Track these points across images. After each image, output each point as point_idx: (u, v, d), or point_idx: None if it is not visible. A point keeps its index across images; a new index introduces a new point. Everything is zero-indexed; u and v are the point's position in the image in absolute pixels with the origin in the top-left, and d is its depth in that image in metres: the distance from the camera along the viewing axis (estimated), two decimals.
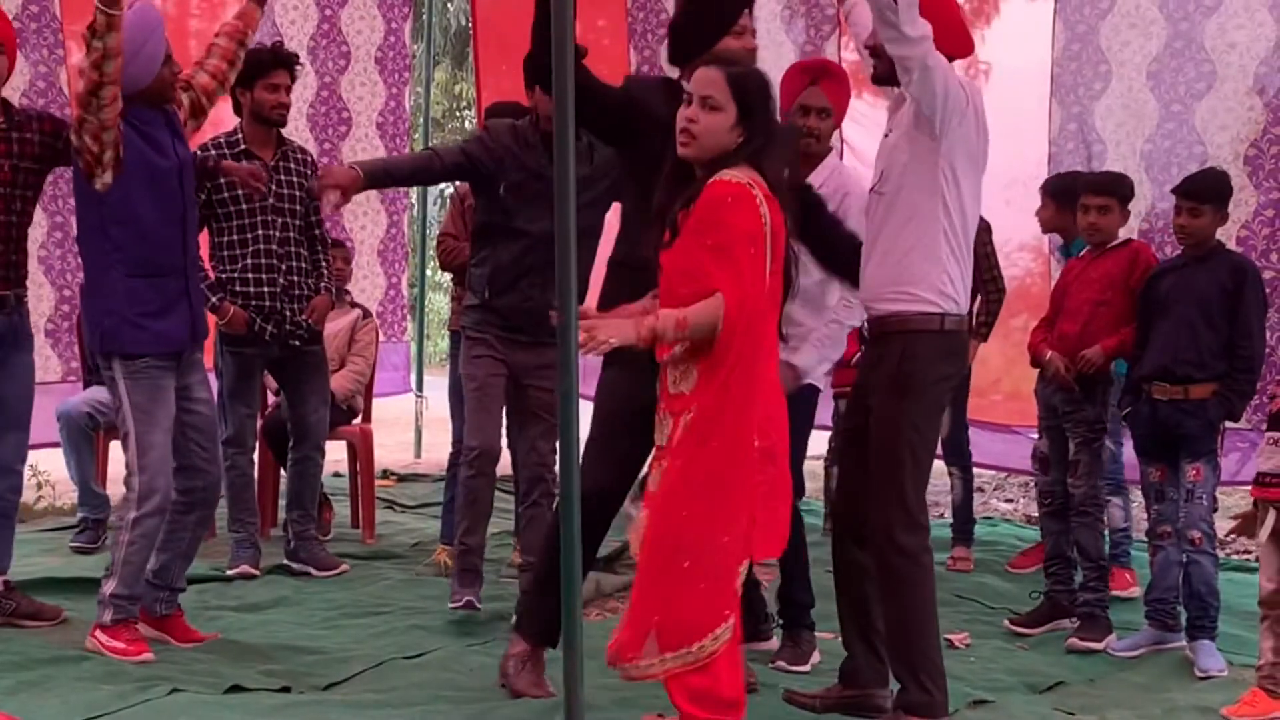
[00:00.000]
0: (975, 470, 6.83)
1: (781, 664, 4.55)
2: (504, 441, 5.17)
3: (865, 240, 3.98)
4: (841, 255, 4.16)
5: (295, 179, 5.69)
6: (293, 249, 5.67)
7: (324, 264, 5.90)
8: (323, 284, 5.85)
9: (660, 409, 3.61)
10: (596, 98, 3.93)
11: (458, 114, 22.16)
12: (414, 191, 9.63)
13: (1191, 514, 4.75)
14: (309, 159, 5.91)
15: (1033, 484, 8.24)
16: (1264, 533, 4.30)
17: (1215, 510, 4.89)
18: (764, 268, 3.47)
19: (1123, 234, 5.22)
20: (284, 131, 5.81)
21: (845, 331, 4.69)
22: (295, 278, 5.67)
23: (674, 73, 4.13)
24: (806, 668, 4.53)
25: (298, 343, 5.71)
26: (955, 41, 3.88)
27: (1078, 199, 5.25)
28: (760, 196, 3.46)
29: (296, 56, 5.83)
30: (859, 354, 5.42)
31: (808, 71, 4.84)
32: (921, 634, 3.78)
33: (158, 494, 4.43)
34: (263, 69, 5.47)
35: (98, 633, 4.48)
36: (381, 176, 4.99)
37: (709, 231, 3.43)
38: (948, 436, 6.42)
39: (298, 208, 5.70)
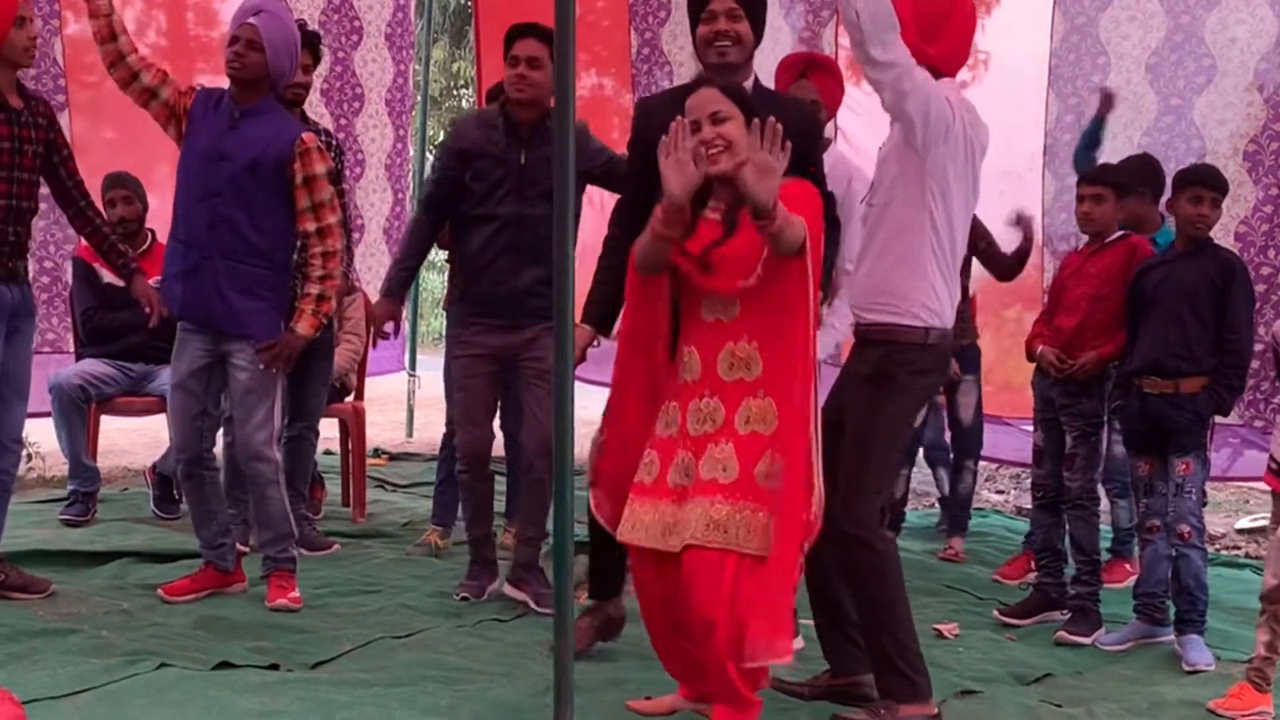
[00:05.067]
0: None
1: None
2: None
3: (859, 248, 4.01)
4: None
5: None
6: None
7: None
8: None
9: (699, 397, 3.61)
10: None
11: (455, 92, 22.10)
12: (412, 170, 9.60)
13: (1180, 508, 4.76)
14: (334, 142, 5.86)
15: (1024, 475, 8.31)
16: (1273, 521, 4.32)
17: (1205, 505, 4.90)
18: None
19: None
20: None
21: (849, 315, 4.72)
22: None
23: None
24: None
25: None
26: (951, 59, 3.88)
27: (1153, 181, 5.25)
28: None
29: (318, 35, 5.77)
30: None
31: (795, 65, 4.87)
32: (891, 621, 3.77)
33: None
34: None
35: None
36: (406, 281, 5.24)
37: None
38: (968, 427, 6.42)
39: None
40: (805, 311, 3.49)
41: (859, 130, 7.61)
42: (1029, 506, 5.69)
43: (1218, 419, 5.04)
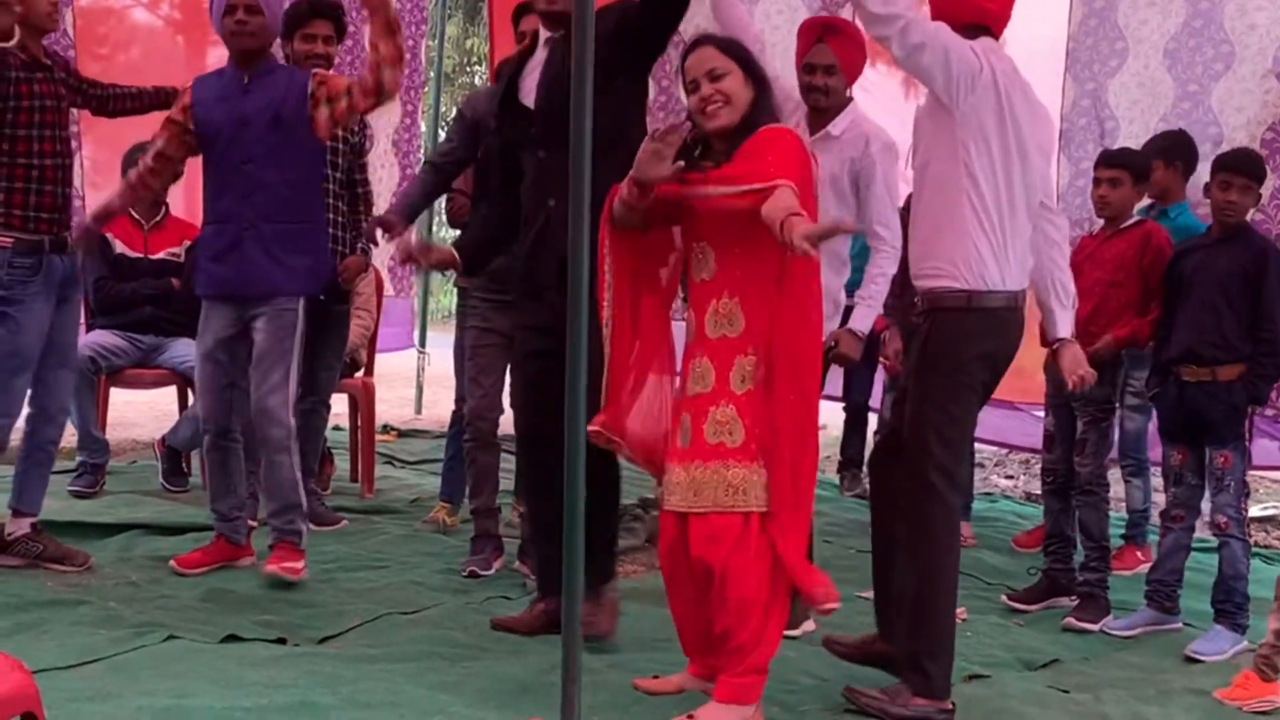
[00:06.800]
0: (976, 446, 6.81)
1: None
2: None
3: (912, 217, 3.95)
4: None
5: (340, 132, 5.49)
6: (331, 201, 5.52)
7: (363, 222, 5.78)
8: (359, 244, 5.77)
9: (695, 358, 3.57)
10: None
11: (468, 69, 22.04)
12: (423, 146, 9.58)
13: (1219, 501, 4.71)
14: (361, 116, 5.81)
15: (1034, 461, 8.29)
16: None
17: (1248, 496, 4.84)
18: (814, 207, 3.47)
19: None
20: None
21: (888, 279, 4.71)
22: (331, 230, 5.54)
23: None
24: (797, 632, 4.47)
25: (323, 296, 5.42)
26: (1007, 14, 3.84)
27: (1188, 157, 5.20)
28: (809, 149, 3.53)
29: (340, 7, 5.68)
30: None
31: (814, 29, 4.77)
32: (931, 611, 3.71)
33: None
34: (299, 20, 5.37)
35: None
36: (406, 213, 5.26)
37: (762, 157, 3.41)
38: None
39: (340, 160, 5.57)
40: (793, 270, 3.41)
41: (872, 109, 7.56)
42: (1038, 492, 5.67)
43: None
